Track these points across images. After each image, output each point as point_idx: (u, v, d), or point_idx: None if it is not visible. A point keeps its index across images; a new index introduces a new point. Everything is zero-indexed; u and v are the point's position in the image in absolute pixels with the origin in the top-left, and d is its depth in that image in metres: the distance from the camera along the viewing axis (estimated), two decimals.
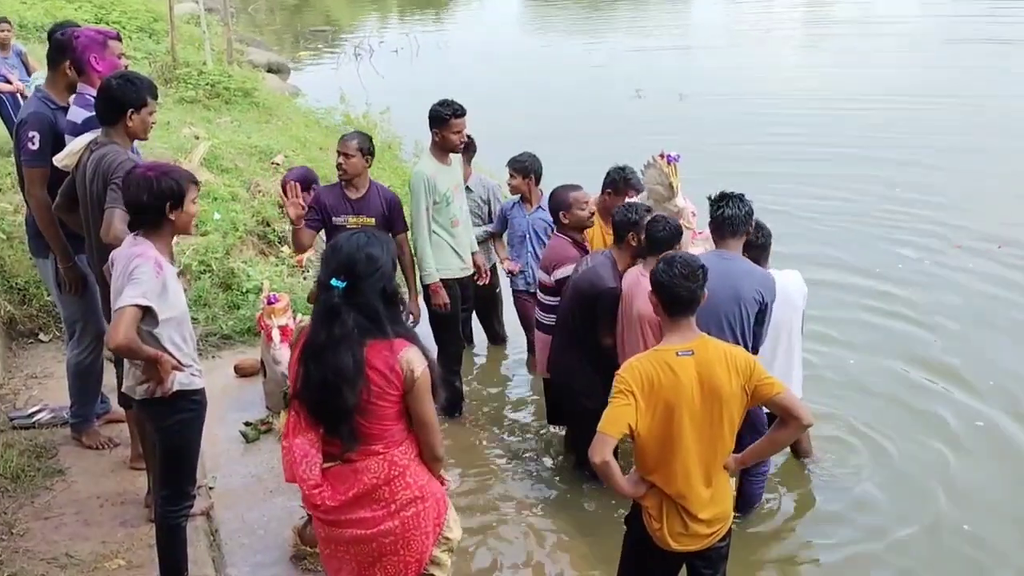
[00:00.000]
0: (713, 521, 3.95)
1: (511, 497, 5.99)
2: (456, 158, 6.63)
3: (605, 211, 6.27)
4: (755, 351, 5.14)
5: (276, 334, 6.32)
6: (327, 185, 6.58)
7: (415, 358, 3.50)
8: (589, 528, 5.64)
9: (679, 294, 3.80)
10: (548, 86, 18.81)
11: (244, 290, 7.94)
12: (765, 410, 4.76)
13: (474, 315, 7.78)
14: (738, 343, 4.90)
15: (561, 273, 5.97)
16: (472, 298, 7.09)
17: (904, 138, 14.26)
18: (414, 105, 9.15)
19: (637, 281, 5.33)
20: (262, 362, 6.61)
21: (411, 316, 5.87)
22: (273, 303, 6.41)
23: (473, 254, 6.78)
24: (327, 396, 3.45)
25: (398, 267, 3.78)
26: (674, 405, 3.76)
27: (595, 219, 6.25)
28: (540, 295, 6.24)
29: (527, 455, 6.49)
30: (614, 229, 5.72)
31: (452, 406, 6.80)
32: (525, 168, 7.19)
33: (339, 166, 6.07)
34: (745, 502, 5.56)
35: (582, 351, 5.72)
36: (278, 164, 10.21)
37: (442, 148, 6.42)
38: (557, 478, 6.20)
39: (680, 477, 3.85)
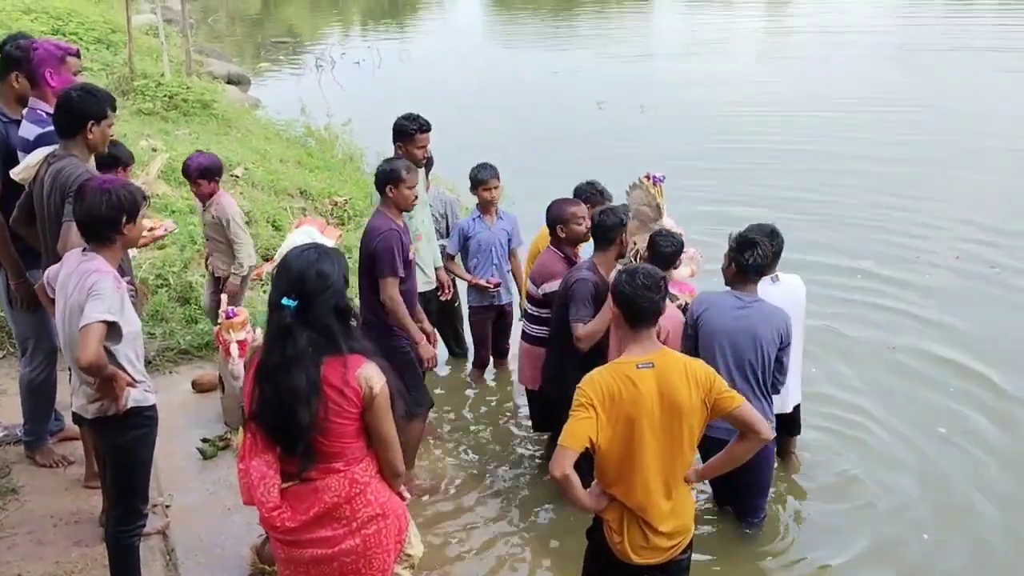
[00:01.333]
0: (674, 534, 3.94)
1: (474, 508, 5.96)
2: (419, 173, 6.58)
3: None
4: (781, 385, 5.34)
5: (234, 349, 6.24)
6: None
7: (373, 374, 3.46)
8: (555, 537, 5.62)
9: (641, 305, 3.81)
10: (510, 98, 18.80)
11: (202, 304, 7.83)
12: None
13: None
14: (761, 387, 5.14)
15: (549, 287, 5.94)
16: (435, 312, 7.05)
17: (867, 142, 14.49)
18: (376, 116, 9.13)
19: None
20: (220, 377, 6.52)
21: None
22: (231, 317, 6.31)
23: (437, 269, 6.74)
24: (282, 417, 3.41)
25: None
26: (635, 418, 3.75)
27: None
28: (528, 306, 6.19)
29: (490, 467, 6.46)
30: (596, 233, 5.71)
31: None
32: (496, 176, 7.16)
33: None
34: (751, 513, 5.59)
35: (575, 361, 5.68)
36: (238, 177, 10.12)
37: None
38: (522, 490, 6.17)
39: (641, 490, 3.85)
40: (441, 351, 7.88)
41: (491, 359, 7.70)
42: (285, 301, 3.39)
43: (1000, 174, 12.62)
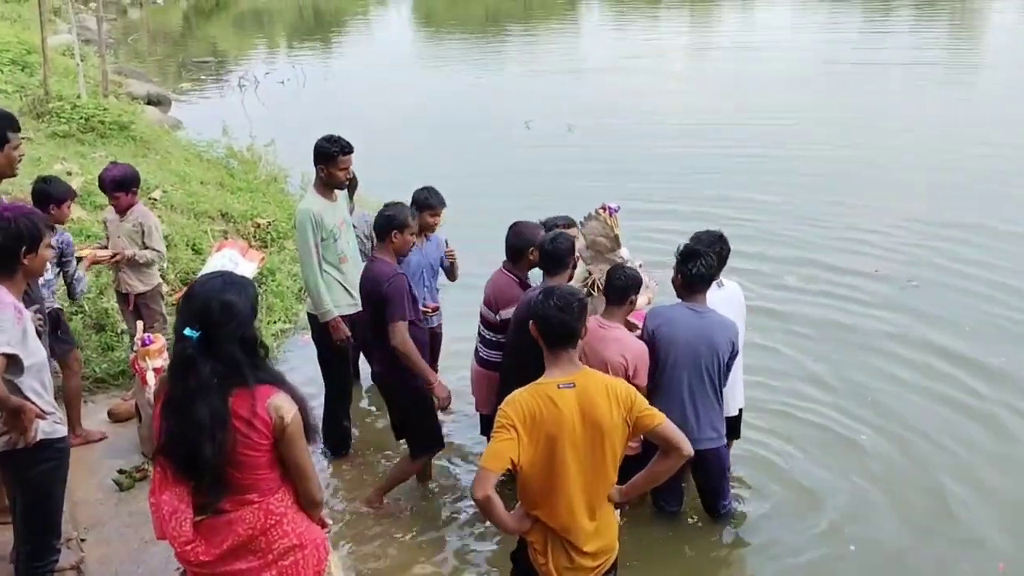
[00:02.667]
0: (598, 554, 3.92)
1: (403, 535, 5.87)
2: (342, 194, 6.53)
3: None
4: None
5: (151, 377, 6.05)
6: None
7: (284, 404, 3.39)
8: (495, 564, 5.57)
9: (553, 326, 3.79)
10: (437, 117, 18.76)
11: (119, 331, 7.66)
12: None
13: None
14: (715, 389, 5.45)
15: (508, 314, 5.91)
16: (361, 336, 6.95)
17: (790, 156, 14.75)
18: (300, 137, 9.01)
19: (598, 331, 5.36)
20: (137, 406, 6.36)
21: None
22: (148, 344, 6.15)
23: None
24: (188, 451, 3.31)
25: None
26: (556, 438, 3.73)
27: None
28: (483, 330, 6.12)
29: (417, 491, 6.37)
30: (549, 258, 5.65)
31: (340, 444, 6.69)
32: (443, 202, 7.01)
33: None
34: (715, 505, 5.80)
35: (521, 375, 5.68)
36: (156, 199, 9.91)
37: (327, 184, 6.30)
38: (459, 514, 6.10)
39: (564, 511, 3.82)
40: (365, 375, 7.85)
41: None
42: (187, 331, 3.30)
43: (917, 186, 12.89)
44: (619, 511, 4.11)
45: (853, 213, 11.81)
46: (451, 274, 7.15)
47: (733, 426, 6.04)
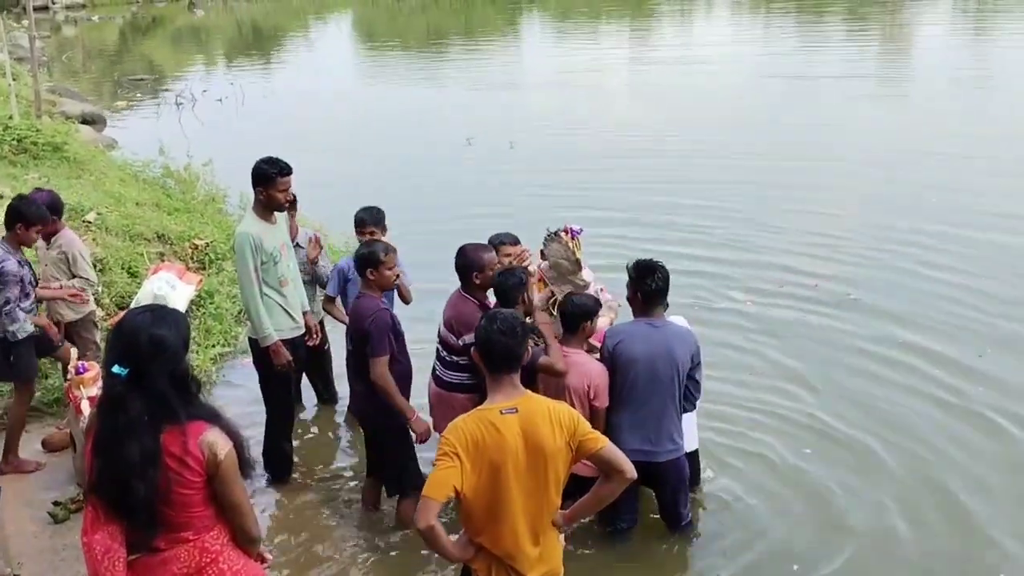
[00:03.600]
0: None
1: (349, 562, 5.78)
2: (281, 216, 6.42)
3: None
4: (696, 401, 5.71)
5: (85, 406, 5.92)
6: None
7: (217, 440, 3.31)
8: None
9: (498, 351, 3.77)
10: (379, 134, 18.72)
11: (51, 359, 7.46)
12: None
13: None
14: (674, 401, 5.48)
15: (470, 338, 5.82)
16: (303, 359, 6.86)
17: (731, 168, 14.89)
18: (239, 156, 8.90)
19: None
20: (72, 436, 6.20)
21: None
22: (82, 373, 6.01)
23: (304, 313, 6.56)
24: (119, 490, 3.22)
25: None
26: (499, 464, 3.70)
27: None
28: (444, 352, 6.01)
29: (361, 515, 6.27)
30: (503, 293, 5.64)
31: (281, 469, 6.58)
32: (382, 222, 6.97)
33: None
34: (677, 518, 5.80)
35: None
36: (90, 222, 9.71)
37: (267, 207, 6.18)
38: (396, 537, 6.01)
39: (508, 537, 3.80)
40: (309, 397, 7.76)
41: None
42: (115, 368, 3.22)
43: (855, 198, 13.07)
44: (563, 534, 4.08)
45: (797, 221, 11.99)
46: (404, 297, 7.09)
47: (692, 472, 6.07)
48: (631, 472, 3.83)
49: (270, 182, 6.10)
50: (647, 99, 22.33)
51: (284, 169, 6.13)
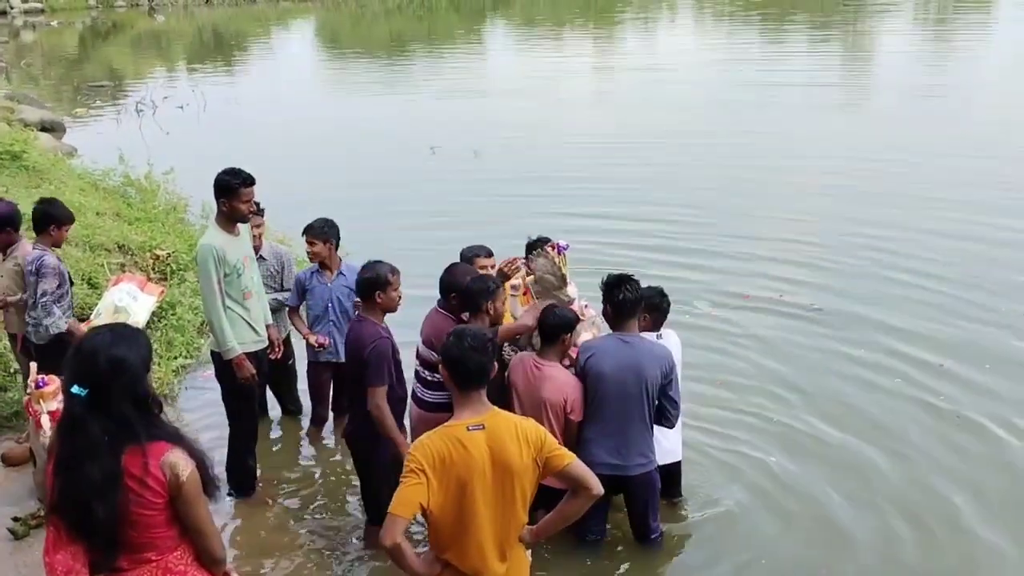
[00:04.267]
0: None
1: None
2: (244, 228, 6.35)
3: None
4: (675, 419, 5.70)
5: (46, 420, 5.82)
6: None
7: (179, 461, 3.28)
8: None
9: (469, 367, 3.76)
10: (342, 144, 18.58)
11: (11, 370, 7.36)
12: None
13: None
14: (645, 417, 5.48)
15: None
16: (266, 372, 6.82)
17: (694, 176, 15.04)
18: (201, 164, 8.84)
19: (535, 370, 5.59)
20: (32, 450, 6.11)
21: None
22: (42, 387, 5.92)
23: (267, 326, 6.51)
24: (80, 511, 3.19)
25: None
26: (466, 481, 3.69)
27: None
28: (423, 371, 5.95)
29: (329, 531, 6.25)
30: (470, 298, 5.60)
31: (245, 484, 6.52)
32: (325, 234, 6.99)
33: None
34: (647, 532, 5.80)
35: None
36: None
37: (230, 218, 6.11)
38: (362, 552, 5.98)
39: (475, 554, 3.79)
40: (276, 409, 7.70)
41: (331, 416, 7.54)
42: (74, 389, 3.18)
43: (818, 207, 13.21)
44: (530, 550, 4.08)
45: (763, 226, 12.14)
46: None
47: (672, 479, 6.17)
48: (598, 489, 3.83)
49: (233, 193, 6.04)
50: (610, 107, 22.48)
51: (247, 180, 6.07)
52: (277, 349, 6.69)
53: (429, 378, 5.88)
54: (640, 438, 5.53)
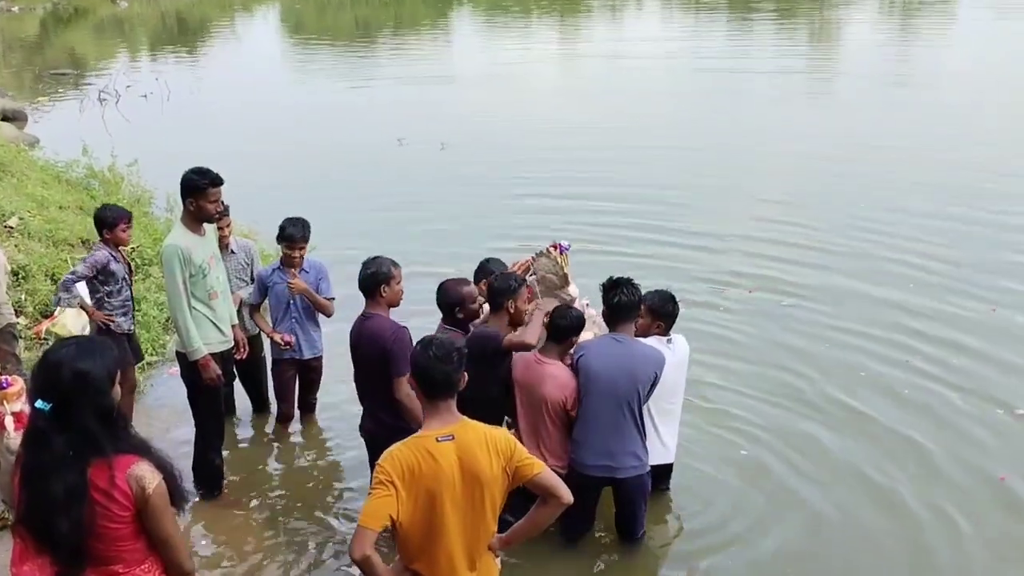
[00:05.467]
0: None
1: None
2: (211, 228, 6.28)
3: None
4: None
5: (10, 422, 5.75)
6: None
7: (146, 474, 3.25)
8: None
9: (435, 377, 3.74)
10: (308, 134, 18.42)
11: None
12: None
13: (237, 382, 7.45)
14: (636, 418, 5.53)
15: None
16: (232, 372, 6.76)
17: (661, 168, 15.07)
18: (165, 156, 8.73)
19: (536, 367, 5.66)
20: None
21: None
22: (5, 388, 5.84)
23: (233, 326, 6.45)
24: (43, 524, 3.16)
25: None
26: (436, 492, 3.68)
27: None
28: None
29: (301, 532, 6.21)
30: (492, 296, 5.73)
31: (212, 485, 6.48)
32: (307, 238, 6.93)
33: None
34: (632, 532, 5.84)
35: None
36: (12, 228, 9.45)
37: (196, 218, 6.02)
38: (331, 557, 5.95)
39: (444, 564, 3.78)
40: (245, 405, 7.65)
41: (297, 413, 7.51)
42: (38, 404, 3.15)
43: (783, 196, 13.32)
44: (498, 558, 4.08)
45: (722, 218, 12.18)
46: (324, 310, 7.12)
47: (665, 474, 6.25)
48: (567, 497, 3.83)
49: (200, 193, 5.95)
50: (577, 97, 22.45)
51: (215, 179, 5.98)
52: (242, 349, 6.63)
53: None
54: (632, 440, 5.57)
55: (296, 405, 7.49)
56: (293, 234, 6.87)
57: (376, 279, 5.56)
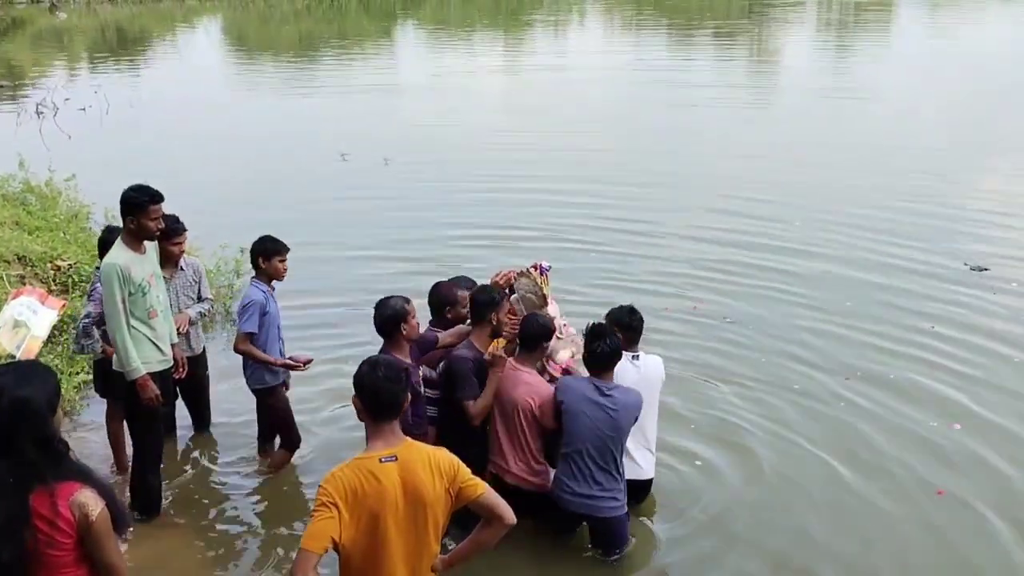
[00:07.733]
0: None
1: None
2: (151, 246, 6.19)
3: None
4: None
5: None
6: None
7: (88, 501, 3.23)
8: None
9: (383, 398, 3.73)
10: (250, 150, 18.24)
11: None
12: None
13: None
14: (616, 463, 5.72)
15: (426, 371, 6.15)
16: (172, 392, 6.67)
17: (608, 182, 15.25)
18: (104, 170, 8.58)
19: (510, 373, 5.88)
20: None
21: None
22: None
23: (173, 345, 6.37)
24: None
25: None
26: (378, 513, 3.67)
27: None
28: (426, 390, 6.06)
29: (242, 553, 6.16)
30: (476, 308, 5.99)
31: (149, 506, 6.38)
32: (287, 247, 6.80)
33: None
34: (615, 544, 5.92)
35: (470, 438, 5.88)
36: None
37: (137, 236, 5.95)
38: (269, 570, 5.92)
39: None
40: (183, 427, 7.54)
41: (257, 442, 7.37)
42: None
43: (728, 207, 13.54)
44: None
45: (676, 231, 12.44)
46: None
47: (644, 487, 6.40)
48: (511, 519, 3.85)
49: (141, 210, 5.88)
50: (521, 113, 22.54)
51: (155, 197, 5.92)
52: (181, 369, 6.53)
53: (431, 396, 6.11)
54: (613, 483, 5.75)
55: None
56: (279, 247, 6.70)
57: (395, 318, 5.74)
